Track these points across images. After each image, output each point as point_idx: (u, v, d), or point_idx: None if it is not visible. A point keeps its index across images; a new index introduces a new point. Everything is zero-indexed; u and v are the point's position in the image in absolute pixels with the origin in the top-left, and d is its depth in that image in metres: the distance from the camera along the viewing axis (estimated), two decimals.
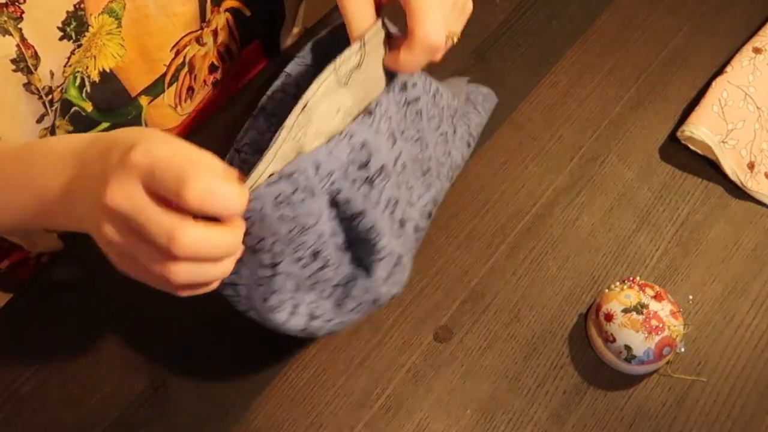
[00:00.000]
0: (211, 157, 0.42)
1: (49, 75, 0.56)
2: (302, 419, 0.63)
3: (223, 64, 0.74)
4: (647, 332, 0.61)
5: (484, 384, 0.65)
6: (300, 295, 0.53)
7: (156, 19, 0.61)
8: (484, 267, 0.70)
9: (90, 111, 0.63)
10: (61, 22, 0.54)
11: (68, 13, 0.54)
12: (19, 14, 0.52)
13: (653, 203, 0.74)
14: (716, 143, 0.73)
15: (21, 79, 0.54)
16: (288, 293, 0.52)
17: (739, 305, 0.69)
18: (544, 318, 0.68)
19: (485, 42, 0.81)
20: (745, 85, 0.76)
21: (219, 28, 0.70)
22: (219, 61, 0.73)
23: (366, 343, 0.66)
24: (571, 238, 0.72)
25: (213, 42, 0.70)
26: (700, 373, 0.66)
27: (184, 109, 0.72)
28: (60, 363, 0.64)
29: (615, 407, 0.64)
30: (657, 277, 0.70)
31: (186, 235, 0.40)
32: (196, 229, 0.40)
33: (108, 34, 0.59)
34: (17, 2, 0.51)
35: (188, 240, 0.40)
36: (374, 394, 0.64)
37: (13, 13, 0.51)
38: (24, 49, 0.53)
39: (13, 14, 0.51)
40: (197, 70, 0.70)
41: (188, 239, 0.40)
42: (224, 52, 0.73)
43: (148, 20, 0.61)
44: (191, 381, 0.63)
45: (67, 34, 0.55)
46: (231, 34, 0.73)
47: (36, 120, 0.58)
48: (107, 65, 0.61)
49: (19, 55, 0.53)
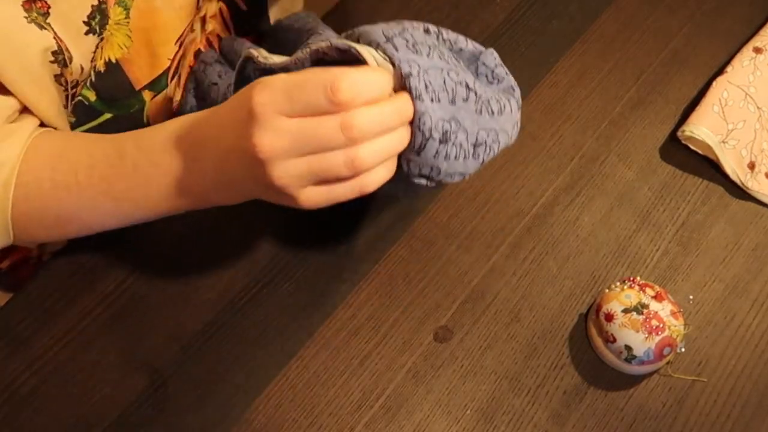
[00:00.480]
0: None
1: (79, 69, 0.57)
2: (302, 419, 0.63)
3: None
4: (647, 332, 0.61)
5: (484, 384, 0.65)
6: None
7: (162, 12, 0.62)
8: (485, 267, 0.70)
9: (93, 100, 0.63)
10: (87, 16, 0.55)
11: (93, 7, 0.55)
12: (45, 9, 0.52)
13: (654, 203, 0.74)
14: (717, 143, 0.73)
15: (55, 70, 0.55)
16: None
17: (739, 305, 0.69)
18: (544, 318, 0.68)
19: (485, 42, 0.81)
20: (746, 84, 0.76)
21: (209, 15, 0.70)
22: (206, 47, 0.72)
23: (366, 343, 0.66)
24: (572, 238, 0.71)
25: (200, 28, 0.70)
26: (700, 374, 0.66)
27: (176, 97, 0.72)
28: (60, 363, 0.64)
29: (615, 407, 0.64)
30: (657, 277, 0.70)
31: (357, 117, 0.42)
32: (362, 109, 0.43)
33: (116, 24, 0.59)
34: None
35: (362, 119, 0.43)
36: (374, 395, 0.64)
37: (41, 8, 0.52)
38: (59, 41, 0.53)
39: (41, 9, 0.52)
40: (183, 58, 0.70)
41: (362, 119, 0.43)
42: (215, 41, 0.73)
43: (155, 13, 0.61)
44: (191, 381, 0.63)
45: (92, 28, 0.56)
46: (224, 24, 0.72)
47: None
48: (113, 55, 0.61)
49: (59, 48, 0.54)
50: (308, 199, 0.46)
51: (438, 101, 0.47)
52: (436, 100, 0.47)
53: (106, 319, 0.66)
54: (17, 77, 0.53)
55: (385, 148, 0.45)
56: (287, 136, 0.43)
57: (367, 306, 0.67)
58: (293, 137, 0.43)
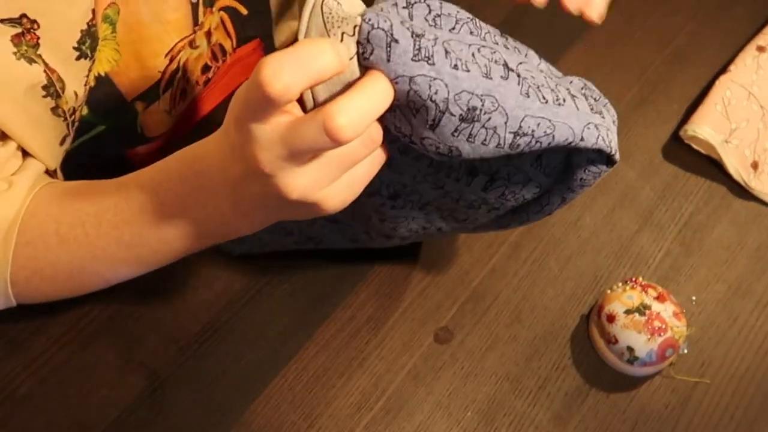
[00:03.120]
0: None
1: (74, 96, 0.56)
2: (301, 421, 0.62)
3: (215, 63, 0.73)
4: (650, 333, 0.61)
5: (485, 386, 0.64)
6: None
7: (150, 25, 0.61)
8: (485, 267, 0.69)
9: (85, 114, 0.62)
10: (77, 41, 0.54)
11: (82, 32, 0.54)
12: (35, 41, 0.51)
13: (656, 203, 0.73)
14: (720, 142, 0.73)
15: (49, 103, 0.54)
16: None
17: (742, 306, 0.68)
18: (545, 319, 0.67)
19: None
20: (749, 83, 0.76)
21: (212, 28, 0.69)
22: (212, 60, 0.72)
23: (366, 345, 0.65)
24: (573, 238, 0.71)
25: (207, 44, 0.70)
26: (703, 375, 0.65)
27: (177, 111, 0.72)
28: (57, 364, 0.63)
29: (617, 409, 0.63)
30: (660, 277, 0.69)
31: (339, 118, 0.37)
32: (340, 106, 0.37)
33: (104, 40, 0.58)
34: (32, 29, 0.50)
35: (343, 121, 0.37)
36: (374, 396, 0.63)
37: (30, 41, 0.51)
38: (49, 73, 0.52)
39: (30, 42, 0.51)
40: (190, 73, 0.70)
41: (343, 120, 0.37)
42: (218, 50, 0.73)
43: (142, 27, 0.61)
44: (189, 383, 0.63)
45: (83, 53, 0.55)
46: (226, 31, 0.72)
47: (59, 142, 0.58)
48: (102, 69, 0.61)
49: (48, 81, 0.52)
50: (335, 198, 0.43)
51: (466, 70, 0.39)
52: (463, 68, 0.39)
53: (103, 320, 0.65)
54: (11, 116, 0.52)
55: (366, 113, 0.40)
56: (276, 152, 0.40)
57: (366, 307, 0.67)
58: (290, 148, 0.39)
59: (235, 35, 0.74)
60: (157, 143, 0.71)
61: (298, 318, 0.66)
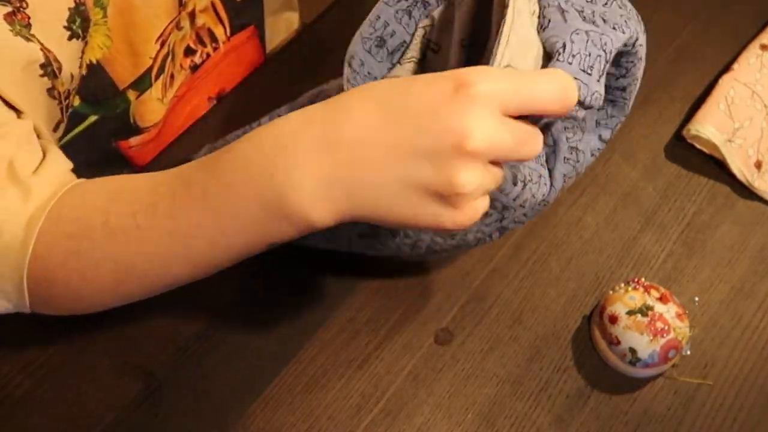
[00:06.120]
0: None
1: (69, 78, 0.55)
2: (300, 423, 0.62)
3: (202, 47, 0.73)
4: (652, 335, 0.60)
5: (485, 387, 0.64)
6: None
7: (140, 9, 0.61)
8: (486, 268, 0.69)
9: (77, 105, 0.62)
10: (66, 20, 0.53)
11: (70, 10, 0.53)
12: (27, 21, 0.50)
13: (658, 203, 0.73)
14: (723, 142, 0.72)
15: (46, 83, 0.53)
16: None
17: (746, 307, 0.68)
18: (547, 320, 0.67)
19: None
20: (752, 82, 0.75)
21: (198, 10, 0.69)
22: (196, 43, 0.72)
23: (365, 346, 0.65)
24: (575, 238, 0.71)
25: (189, 24, 0.69)
26: (706, 377, 0.65)
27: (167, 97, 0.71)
28: (55, 365, 0.63)
29: (619, 411, 0.63)
30: (662, 278, 0.69)
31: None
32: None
33: (95, 25, 0.58)
34: (21, 8, 0.50)
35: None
36: (374, 398, 0.63)
37: (22, 20, 0.50)
38: (46, 52, 0.52)
39: (23, 21, 0.50)
40: (176, 56, 0.70)
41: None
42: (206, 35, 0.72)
43: (132, 10, 0.60)
44: (187, 385, 0.63)
45: (74, 33, 0.54)
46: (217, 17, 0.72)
47: (53, 128, 0.57)
48: (94, 57, 0.60)
49: (46, 60, 0.52)
50: (466, 216, 0.41)
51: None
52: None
53: (101, 321, 0.65)
54: (10, 95, 0.50)
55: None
56: (492, 139, 0.39)
57: (366, 308, 0.66)
58: (497, 143, 0.40)
59: (229, 22, 0.74)
60: (151, 133, 0.71)
61: (296, 319, 0.66)
